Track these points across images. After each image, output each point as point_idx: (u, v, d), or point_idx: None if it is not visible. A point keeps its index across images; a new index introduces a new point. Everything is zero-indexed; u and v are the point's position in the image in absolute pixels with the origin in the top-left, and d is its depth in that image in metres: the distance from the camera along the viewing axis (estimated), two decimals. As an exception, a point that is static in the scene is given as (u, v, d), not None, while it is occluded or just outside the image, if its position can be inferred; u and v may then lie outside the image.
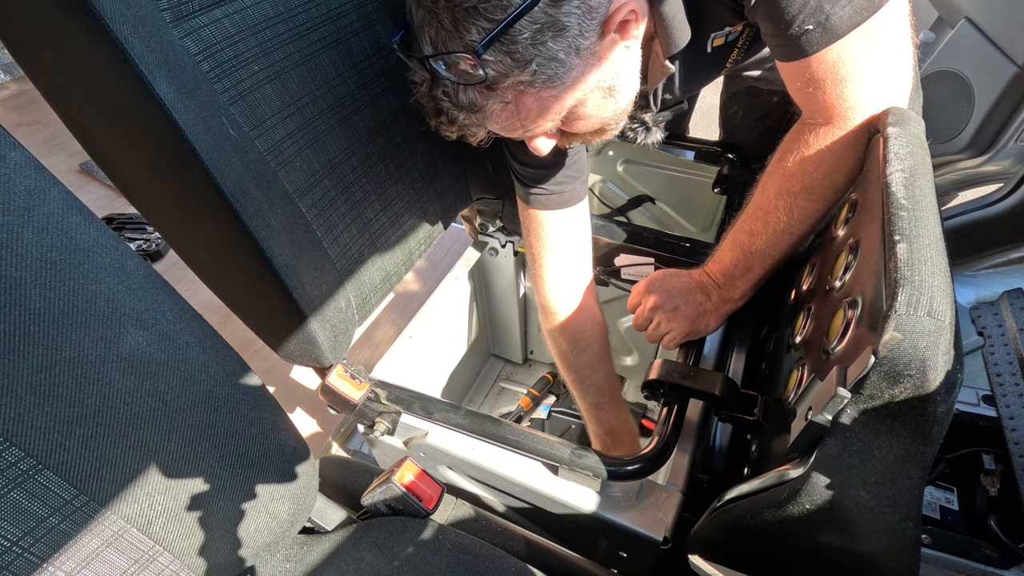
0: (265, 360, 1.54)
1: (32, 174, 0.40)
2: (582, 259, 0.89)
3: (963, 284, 1.09)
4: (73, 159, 2.26)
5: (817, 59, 0.56)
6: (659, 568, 0.72)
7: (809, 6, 0.53)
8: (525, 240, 0.90)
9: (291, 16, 0.63)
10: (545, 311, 0.91)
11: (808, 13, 0.54)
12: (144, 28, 0.49)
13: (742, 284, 0.73)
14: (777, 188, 0.67)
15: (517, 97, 0.57)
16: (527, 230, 0.88)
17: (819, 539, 0.47)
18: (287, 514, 0.60)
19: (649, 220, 1.37)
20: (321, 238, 0.69)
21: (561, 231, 0.85)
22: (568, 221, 0.85)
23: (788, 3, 0.54)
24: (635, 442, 0.94)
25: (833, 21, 0.53)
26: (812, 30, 0.54)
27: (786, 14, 0.54)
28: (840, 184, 0.63)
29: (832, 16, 0.53)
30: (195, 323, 0.51)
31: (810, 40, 0.55)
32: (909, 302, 0.37)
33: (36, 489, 0.41)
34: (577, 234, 0.87)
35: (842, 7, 0.52)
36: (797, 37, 0.55)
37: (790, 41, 0.56)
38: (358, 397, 0.73)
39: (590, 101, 0.61)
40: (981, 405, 0.84)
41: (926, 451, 0.38)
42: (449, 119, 0.59)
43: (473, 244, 1.18)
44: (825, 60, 0.56)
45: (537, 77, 0.54)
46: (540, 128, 0.62)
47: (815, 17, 0.53)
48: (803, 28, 0.54)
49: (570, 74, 0.56)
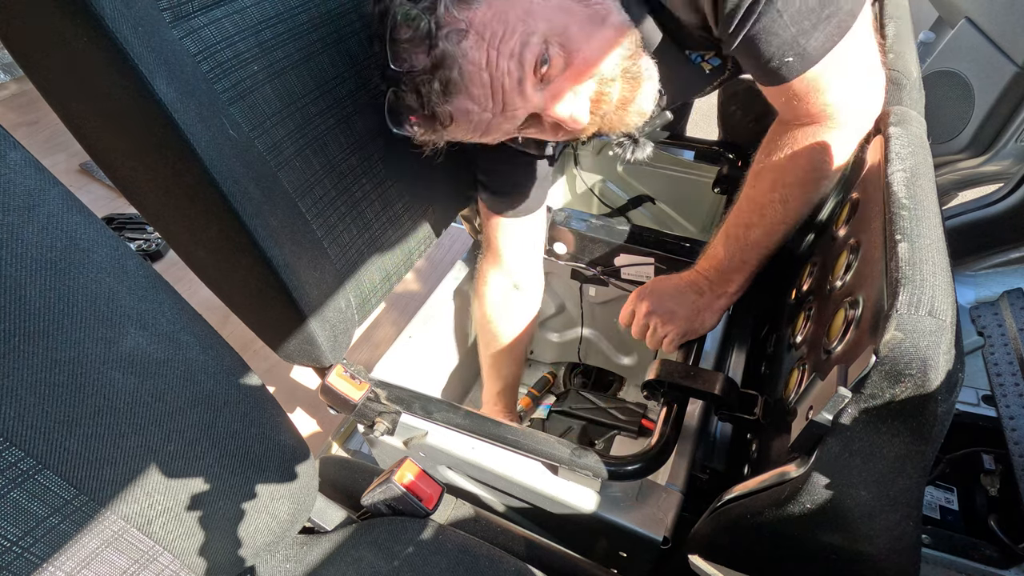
0: (265, 360, 1.54)
1: (32, 174, 0.40)
2: (525, 273, 0.99)
3: (963, 284, 1.09)
4: (73, 159, 2.26)
5: (797, 81, 0.60)
6: (659, 568, 0.72)
7: (786, 43, 0.56)
8: (483, 241, 0.99)
9: (291, 16, 0.63)
10: (481, 313, 1.02)
11: (785, 49, 0.57)
12: (144, 28, 0.49)
13: (738, 277, 0.74)
14: (771, 181, 0.68)
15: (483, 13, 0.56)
16: (483, 231, 0.97)
17: (819, 539, 0.47)
18: (287, 514, 0.60)
19: (649, 220, 1.37)
20: (321, 238, 0.69)
21: (510, 238, 0.94)
22: (518, 230, 0.93)
23: (766, 45, 0.57)
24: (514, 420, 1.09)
25: (809, 50, 0.57)
26: (791, 61, 0.58)
27: (765, 54, 0.58)
28: (832, 173, 0.65)
29: (808, 46, 0.56)
30: (195, 323, 0.51)
31: (790, 69, 0.58)
32: (910, 301, 0.37)
33: (36, 489, 0.41)
34: (524, 245, 0.96)
35: (816, 37, 0.56)
36: (777, 69, 0.59)
37: (771, 72, 0.60)
38: (358, 397, 0.73)
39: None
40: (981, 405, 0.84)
41: (926, 451, 0.38)
42: (427, 100, 0.58)
43: (473, 244, 1.18)
44: (805, 79, 0.59)
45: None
46: (521, 74, 0.58)
47: (792, 50, 0.57)
48: (782, 61, 0.58)
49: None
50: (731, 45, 0.59)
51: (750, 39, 0.57)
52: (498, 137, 0.67)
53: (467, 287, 1.15)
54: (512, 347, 1.06)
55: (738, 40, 0.58)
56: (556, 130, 0.66)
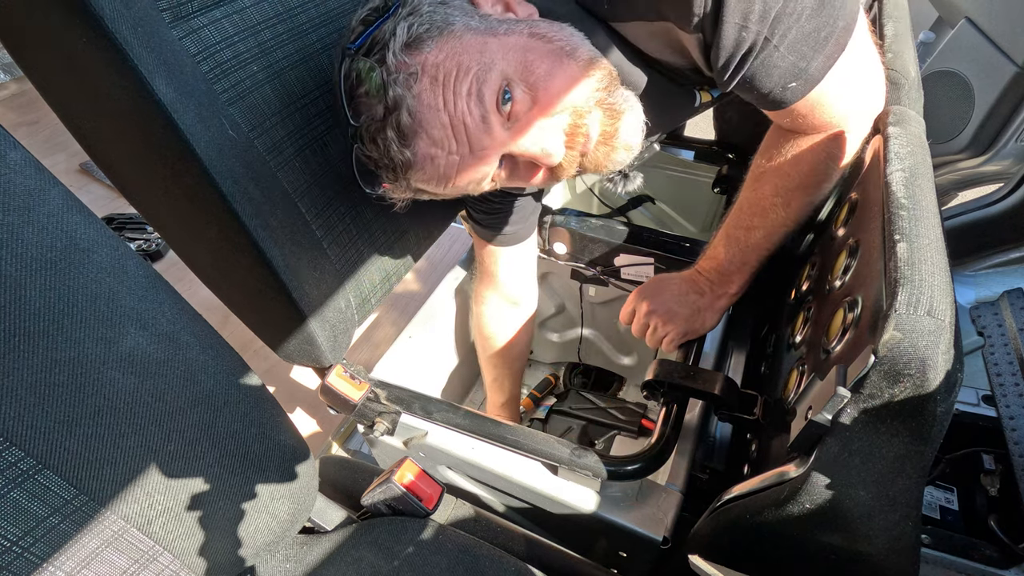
0: (265, 360, 1.54)
1: (32, 174, 0.40)
2: (521, 292, 1.01)
3: (963, 284, 1.09)
4: (73, 159, 2.26)
5: (801, 103, 0.58)
6: (659, 568, 0.72)
7: (786, 72, 0.55)
8: (476, 262, 1.01)
9: (291, 16, 0.63)
10: (481, 333, 1.05)
11: (787, 78, 0.55)
12: (143, 28, 0.49)
13: (738, 278, 0.74)
14: (773, 185, 0.68)
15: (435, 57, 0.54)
16: (477, 256, 0.99)
17: (819, 539, 0.47)
18: (287, 514, 0.60)
19: (649, 220, 1.37)
20: (320, 238, 0.69)
21: (504, 265, 0.96)
22: (511, 257, 0.96)
23: (766, 79, 0.56)
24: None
25: (811, 72, 0.55)
26: (794, 86, 0.56)
27: (765, 87, 0.56)
28: (835, 175, 0.65)
29: (809, 69, 0.55)
30: (195, 323, 0.51)
31: (793, 93, 0.57)
32: (909, 301, 0.37)
33: (36, 489, 0.41)
34: (518, 269, 0.99)
35: (815, 59, 0.54)
36: (780, 96, 0.57)
37: (773, 100, 0.58)
38: (358, 397, 0.73)
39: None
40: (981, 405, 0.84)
41: (926, 450, 0.39)
42: (386, 147, 0.55)
43: (473, 244, 1.18)
44: (808, 99, 0.58)
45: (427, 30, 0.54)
46: (473, 102, 0.55)
47: (794, 77, 0.55)
48: (785, 88, 0.56)
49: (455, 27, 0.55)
50: (728, 87, 0.58)
51: (749, 78, 0.56)
52: (471, 186, 0.61)
53: (467, 287, 1.15)
54: (515, 361, 1.09)
55: (736, 82, 0.56)
56: (532, 171, 0.62)
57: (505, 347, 1.05)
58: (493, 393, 1.14)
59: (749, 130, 1.09)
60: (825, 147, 0.63)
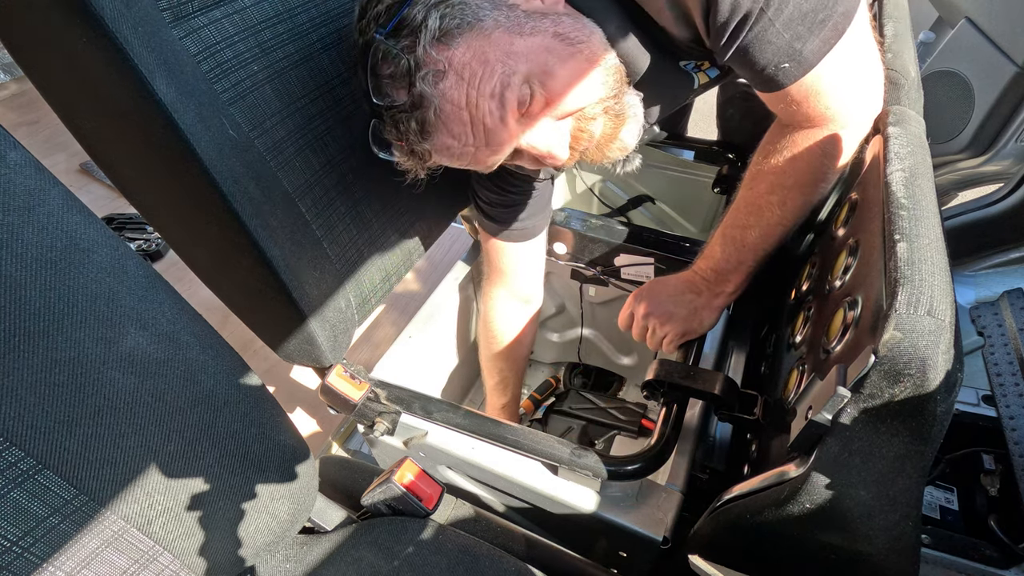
0: (265, 360, 1.54)
1: (32, 174, 0.40)
2: (531, 289, 1.01)
3: (963, 284, 1.09)
4: (73, 159, 2.26)
5: (795, 87, 0.59)
6: (659, 568, 0.72)
7: (781, 50, 0.56)
8: (484, 259, 1.00)
9: (291, 16, 0.63)
10: (488, 332, 1.05)
11: (781, 55, 0.56)
12: (144, 28, 0.49)
13: (735, 277, 0.74)
14: (769, 184, 0.68)
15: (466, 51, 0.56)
16: (485, 252, 0.99)
17: (819, 539, 0.47)
18: (287, 514, 0.60)
19: (649, 220, 1.37)
20: (321, 238, 0.69)
21: (516, 261, 0.95)
22: (523, 253, 0.95)
23: (760, 53, 0.56)
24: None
25: (805, 54, 0.56)
26: (788, 67, 0.57)
27: (760, 62, 0.57)
28: (832, 176, 0.65)
29: (804, 51, 0.56)
30: (195, 323, 0.51)
31: (787, 74, 0.58)
32: (909, 301, 0.37)
33: (36, 489, 0.41)
34: (530, 265, 0.98)
35: (811, 42, 0.55)
36: (773, 75, 0.58)
37: (767, 79, 0.59)
38: (358, 397, 0.73)
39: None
40: (981, 405, 0.84)
41: (926, 450, 0.38)
42: (407, 129, 0.58)
43: (473, 244, 1.18)
44: (803, 84, 0.59)
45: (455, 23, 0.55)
46: (498, 103, 0.58)
47: (788, 56, 0.56)
48: (778, 67, 0.57)
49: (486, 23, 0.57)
50: (724, 56, 0.59)
51: (743, 49, 0.57)
52: (484, 168, 0.65)
53: (467, 286, 1.15)
54: (520, 360, 1.09)
55: (731, 51, 0.57)
56: (536, 162, 0.66)
57: (512, 346, 1.05)
58: (495, 394, 1.13)
59: (750, 129, 1.10)
60: (821, 146, 0.63)
